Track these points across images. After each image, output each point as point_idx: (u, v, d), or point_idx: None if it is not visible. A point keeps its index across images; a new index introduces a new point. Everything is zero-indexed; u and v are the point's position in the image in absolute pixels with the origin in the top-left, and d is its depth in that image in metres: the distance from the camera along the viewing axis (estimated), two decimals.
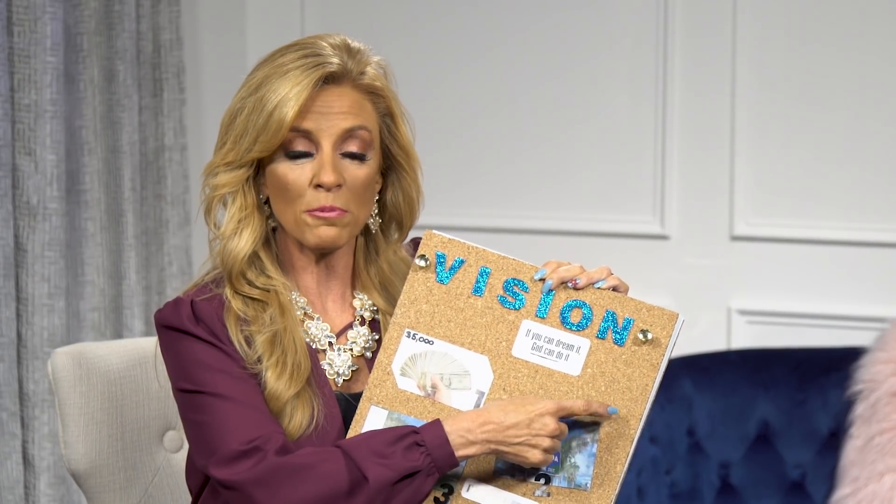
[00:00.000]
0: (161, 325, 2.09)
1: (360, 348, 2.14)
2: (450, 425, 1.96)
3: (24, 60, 3.31)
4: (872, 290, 3.64)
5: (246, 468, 1.97)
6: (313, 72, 2.05)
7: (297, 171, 2.07)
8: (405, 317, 2.06)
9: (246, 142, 2.06)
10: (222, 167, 2.08)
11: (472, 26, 3.89)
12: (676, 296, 3.76)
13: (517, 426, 1.96)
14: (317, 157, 2.07)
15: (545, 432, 1.97)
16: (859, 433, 3.34)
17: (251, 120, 2.06)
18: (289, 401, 2.03)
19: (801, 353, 3.53)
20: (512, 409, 1.97)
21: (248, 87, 2.08)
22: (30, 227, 3.34)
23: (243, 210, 2.10)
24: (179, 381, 2.06)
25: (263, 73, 2.07)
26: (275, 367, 2.04)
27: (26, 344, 3.35)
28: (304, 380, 2.05)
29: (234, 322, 2.06)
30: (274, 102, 2.04)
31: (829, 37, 3.62)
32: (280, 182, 2.07)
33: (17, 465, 3.32)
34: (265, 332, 2.06)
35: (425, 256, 2.07)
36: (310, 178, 2.06)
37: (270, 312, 2.08)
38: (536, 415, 1.96)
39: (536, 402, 1.97)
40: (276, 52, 2.10)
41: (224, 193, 2.09)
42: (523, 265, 2.06)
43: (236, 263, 2.09)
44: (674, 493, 3.45)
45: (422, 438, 1.96)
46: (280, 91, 2.04)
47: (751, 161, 3.69)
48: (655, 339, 2.03)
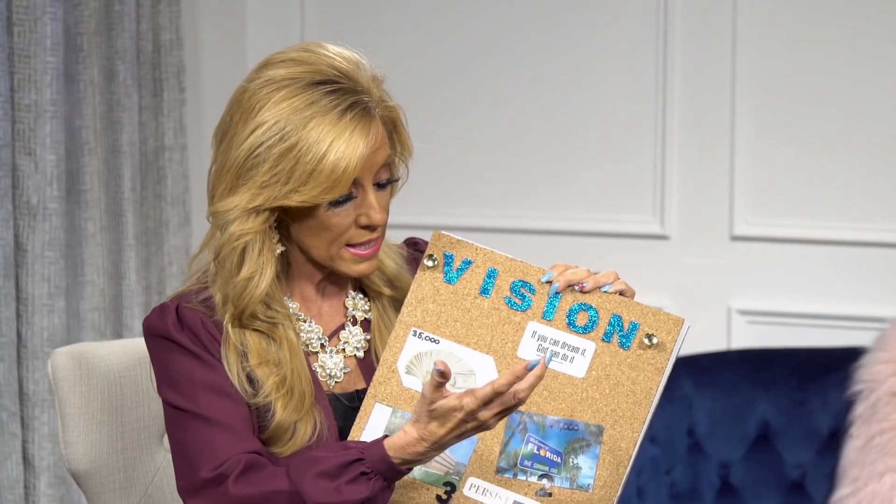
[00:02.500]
0: (148, 332, 2.08)
1: (353, 349, 2.13)
2: (393, 447, 1.93)
3: (24, 60, 3.31)
4: (872, 290, 3.64)
5: (211, 501, 1.98)
6: (365, 123, 1.99)
7: (342, 215, 2.03)
8: (412, 315, 2.06)
9: (285, 189, 1.98)
10: (245, 212, 2.01)
11: (472, 26, 3.89)
12: (676, 296, 3.76)
13: (451, 431, 1.91)
14: (359, 196, 2.03)
15: (478, 422, 1.91)
16: (859, 433, 3.34)
17: (296, 166, 1.97)
18: (294, 423, 2.04)
19: (801, 353, 3.53)
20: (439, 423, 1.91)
21: (272, 126, 1.98)
22: (30, 227, 3.34)
23: (263, 254, 2.03)
24: (163, 390, 2.07)
25: (292, 112, 1.98)
26: (283, 400, 2.03)
27: (26, 344, 3.35)
28: (310, 406, 2.05)
29: (235, 357, 2.05)
30: (329, 152, 1.96)
31: (829, 37, 3.62)
32: (321, 225, 2.03)
33: (17, 465, 3.31)
34: (273, 377, 2.04)
35: (433, 256, 2.07)
36: (353, 219, 2.03)
37: (277, 352, 2.06)
38: (460, 420, 1.90)
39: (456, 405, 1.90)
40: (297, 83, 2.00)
41: (248, 241, 2.02)
42: (531, 267, 2.07)
43: (250, 305, 2.04)
44: (674, 493, 3.45)
45: (367, 466, 1.93)
46: (328, 138, 1.97)
47: (751, 161, 3.70)
48: (661, 343, 2.04)
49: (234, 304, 2.04)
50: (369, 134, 1.99)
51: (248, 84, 2.04)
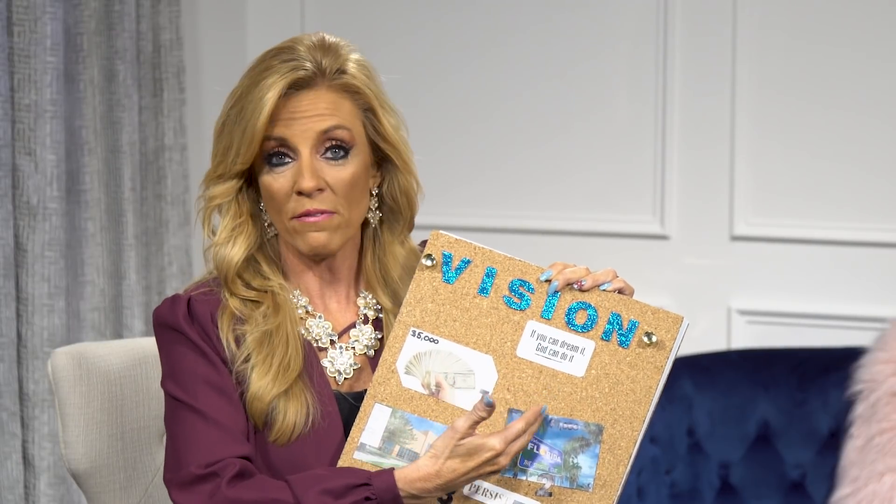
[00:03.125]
0: (158, 322, 2.11)
1: (363, 347, 2.14)
2: (402, 479, 1.96)
3: (24, 60, 3.31)
4: (872, 290, 3.64)
5: (200, 496, 2.00)
6: (284, 77, 2.05)
7: (281, 180, 2.07)
8: (411, 315, 2.06)
9: (231, 154, 2.08)
10: (214, 179, 2.10)
11: (472, 26, 3.89)
12: (676, 296, 3.76)
13: (468, 474, 1.96)
14: (296, 163, 2.07)
15: (496, 467, 1.97)
16: (859, 433, 3.34)
17: (234, 132, 2.07)
18: (274, 400, 2.04)
19: (801, 353, 3.53)
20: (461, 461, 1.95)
21: (232, 97, 2.09)
22: (30, 227, 3.34)
23: (236, 219, 2.12)
24: (166, 381, 2.09)
25: (244, 83, 2.08)
26: (260, 367, 2.06)
27: (26, 344, 3.35)
28: (292, 379, 2.06)
29: (228, 320, 2.08)
30: (250, 112, 2.05)
31: (829, 37, 3.62)
32: (266, 191, 2.09)
33: (17, 465, 3.31)
34: (255, 332, 2.07)
35: (431, 256, 2.07)
36: (291, 185, 2.07)
37: (263, 310, 2.09)
38: (485, 461, 1.96)
39: (484, 446, 1.95)
40: (258, 59, 2.10)
41: (217, 204, 2.11)
42: (529, 266, 2.07)
43: (230, 269, 2.10)
44: (674, 493, 3.45)
45: (373, 492, 1.96)
46: (254, 99, 2.05)
47: (751, 161, 3.70)
48: (660, 341, 2.04)
49: (217, 268, 2.11)
50: (280, 86, 2.04)
51: None
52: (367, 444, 2.03)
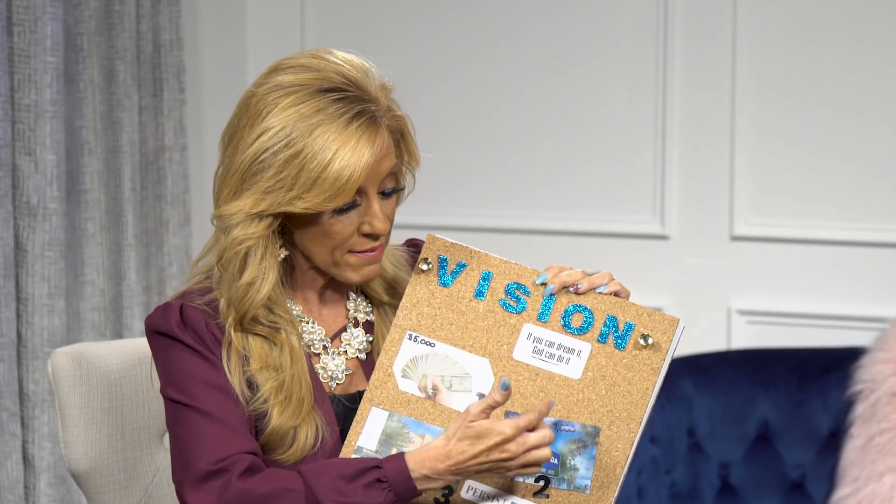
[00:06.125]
0: (150, 330, 2.09)
1: (355, 350, 2.14)
2: (413, 460, 1.96)
3: (24, 60, 3.31)
4: (872, 290, 3.64)
5: (212, 493, 1.99)
6: (371, 132, 1.99)
7: (345, 223, 2.03)
8: (407, 319, 2.06)
9: (289, 195, 1.98)
10: (248, 217, 2.01)
11: (472, 26, 3.89)
12: (676, 296, 3.76)
13: (477, 457, 1.95)
14: (362, 204, 2.03)
15: (506, 455, 1.95)
16: (859, 433, 3.34)
17: (301, 172, 1.97)
18: (292, 429, 2.04)
19: (801, 353, 3.53)
20: (470, 443, 1.94)
21: (278, 132, 1.98)
22: (30, 227, 3.34)
23: (265, 259, 2.04)
24: (166, 388, 2.07)
25: (299, 119, 1.98)
26: (280, 406, 2.04)
27: (26, 344, 3.35)
28: (308, 411, 2.05)
29: (236, 361, 2.05)
30: (334, 160, 1.96)
31: (829, 37, 3.62)
32: (324, 232, 2.03)
33: (17, 465, 3.32)
34: (272, 381, 2.05)
35: (428, 260, 2.08)
36: (356, 226, 2.04)
37: (278, 357, 2.06)
38: (493, 445, 1.94)
39: (493, 429, 1.94)
40: (305, 89, 2.00)
41: (250, 246, 2.03)
42: (525, 269, 2.07)
43: (251, 309, 2.05)
44: (674, 493, 3.45)
45: (384, 474, 1.95)
46: (334, 146, 1.97)
47: (751, 161, 3.70)
48: (656, 343, 2.04)
49: (236, 308, 2.04)
50: (375, 143, 1.99)
51: (256, 89, 2.04)
52: (364, 447, 2.03)
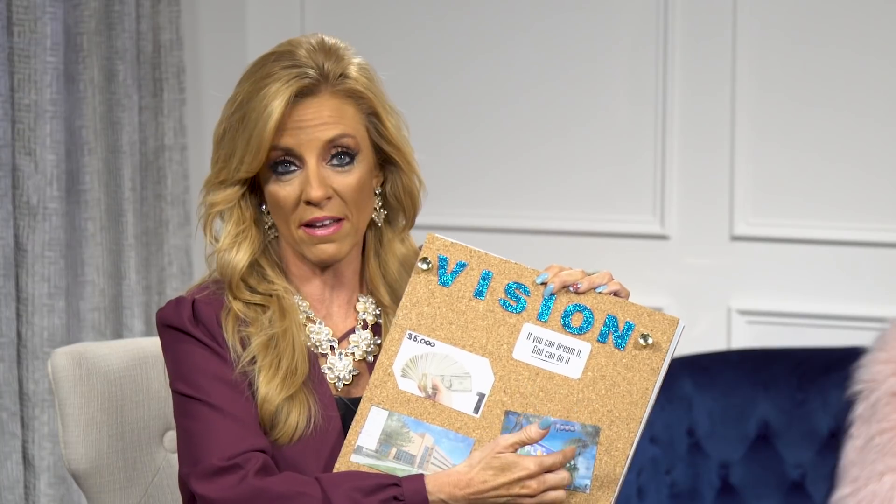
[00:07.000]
0: (162, 324, 2.11)
1: (362, 352, 2.14)
2: (432, 482, 1.97)
3: (24, 60, 3.31)
4: (872, 290, 3.64)
5: (226, 486, 2.00)
6: (289, 85, 2.04)
7: (287, 188, 2.07)
8: (407, 319, 2.07)
9: (234, 161, 2.07)
10: (216, 185, 2.10)
11: (472, 26, 3.89)
12: (676, 296, 3.76)
13: (497, 489, 1.97)
14: (303, 171, 2.07)
15: (526, 491, 1.97)
16: (859, 433, 3.34)
17: (237, 139, 2.06)
18: (281, 404, 2.05)
19: (801, 353, 3.53)
20: (494, 473, 1.97)
21: (232, 103, 2.08)
22: (30, 227, 3.34)
23: (240, 225, 2.12)
24: (176, 382, 2.09)
25: (245, 89, 2.07)
26: (267, 370, 2.06)
27: (26, 344, 3.35)
28: (299, 384, 2.06)
29: (233, 322, 2.08)
30: (255, 121, 2.04)
31: (829, 37, 3.62)
32: (273, 199, 2.09)
33: (17, 465, 3.32)
34: (261, 335, 2.07)
35: (427, 259, 2.08)
36: (299, 194, 2.07)
37: (269, 315, 2.09)
38: (516, 479, 1.97)
39: (519, 464, 1.97)
40: (257, 63, 2.09)
41: (219, 211, 2.11)
42: (525, 269, 2.07)
43: (235, 274, 2.10)
44: (674, 493, 3.45)
45: (401, 492, 1.96)
46: (259, 108, 2.04)
47: (751, 161, 3.70)
48: (656, 343, 2.04)
49: (222, 273, 2.11)
50: (292, 99, 2.03)
51: None
52: (364, 446, 2.03)
